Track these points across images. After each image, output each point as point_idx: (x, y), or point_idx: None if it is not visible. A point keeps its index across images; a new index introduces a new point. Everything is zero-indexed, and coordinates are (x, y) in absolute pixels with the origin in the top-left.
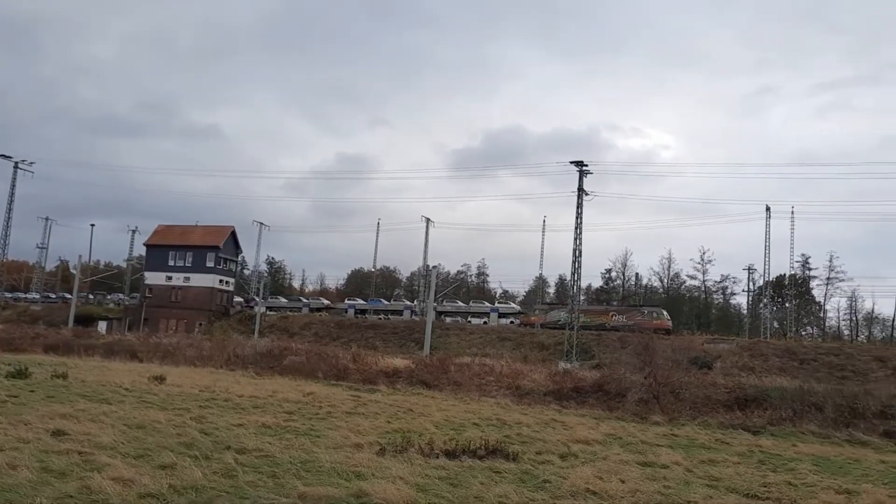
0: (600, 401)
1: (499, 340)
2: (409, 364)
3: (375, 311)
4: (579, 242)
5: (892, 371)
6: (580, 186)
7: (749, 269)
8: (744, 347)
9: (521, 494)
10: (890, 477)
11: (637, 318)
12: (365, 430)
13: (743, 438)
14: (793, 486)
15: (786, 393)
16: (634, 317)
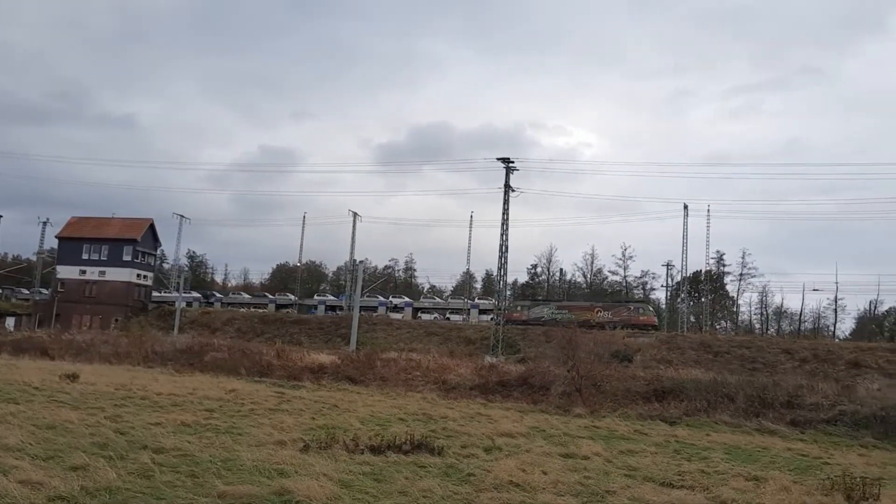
0: (525, 394)
1: (426, 335)
2: (335, 360)
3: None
4: (506, 238)
5: (799, 363)
6: (507, 183)
7: (668, 266)
8: (662, 341)
9: (445, 488)
10: (795, 464)
11: (623, 315)
12: (289, 427)
13: (660, 429)
14: (706, 473)
15: (700, 385)
16: (621, 313)
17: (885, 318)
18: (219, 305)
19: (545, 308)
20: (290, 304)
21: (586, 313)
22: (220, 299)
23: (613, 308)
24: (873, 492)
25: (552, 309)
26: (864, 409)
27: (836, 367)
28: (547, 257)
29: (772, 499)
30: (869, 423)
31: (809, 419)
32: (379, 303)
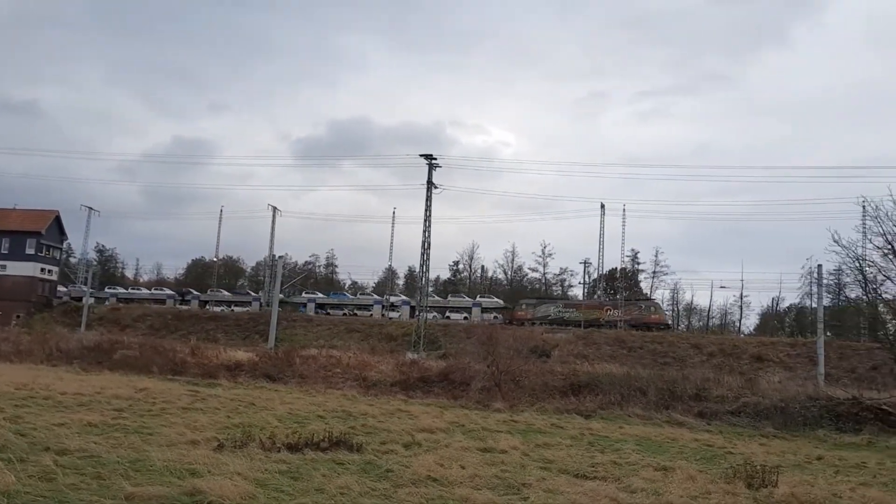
0: (445, 390)
1: (347, 332)
2: (253, 357)
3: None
4: (428, 234)
5: (706, 357)
6: (429, 179)
7: (585, 263)
8: (579, 336)
9: (363, 484)
10: (701, 454)
11: (634, 313)
12: (202, 426)
13: (576, 422)
14: (618, 464)
15: (615, 379)
16: (631, 311)
17: (786, 314)
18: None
19: (552, 307)
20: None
21: (595, 312)
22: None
23: (624, 307)
24: (772, 479)
25: (559, 308)
26: (766, 401)
27: (740, 361)
28: (469, 254)
29: (678, 487)
30: (770, 414)
31: (715, 411)
32: (374, 301)
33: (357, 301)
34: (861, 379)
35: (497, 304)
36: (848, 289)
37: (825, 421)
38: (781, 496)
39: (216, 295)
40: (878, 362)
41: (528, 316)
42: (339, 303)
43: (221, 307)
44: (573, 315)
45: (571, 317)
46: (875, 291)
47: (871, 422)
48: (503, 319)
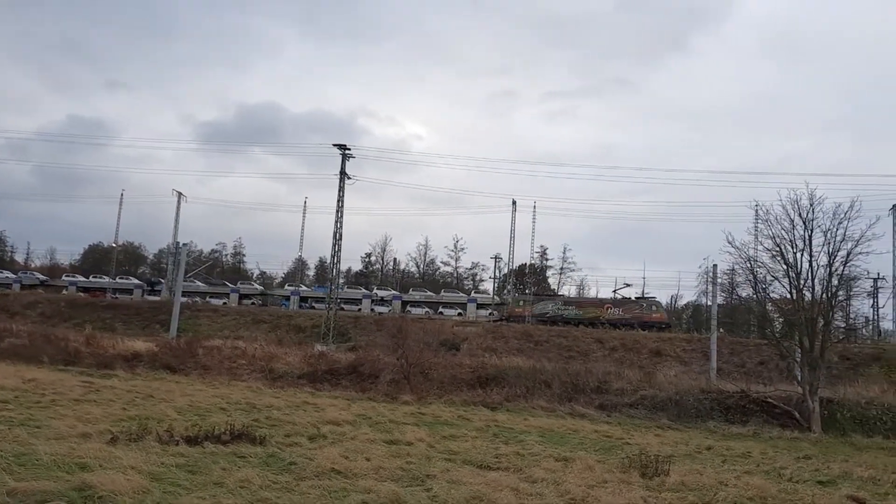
0: (354, 382)
1: (253, 323)
2: (153, 347)
3: None
4: (340, 226)
5: (609, 351)
6: (343, 170)
7: (496, 258)
8: (488, 330)
9: (265, 478)
10: (600, 445)
11: (635, 312)
12: (95, 419)
13: (482, 414)
14: (521, 455)
15: (521, 372)
16: (632, 310)
17: (683, 311)
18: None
19: (550, 304)
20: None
21: (596, 310)
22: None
23: (625, 305)
24: (664, 468)
25: (558, 305)
26: (662, 394)
27: (640, 355)
28: (381, 246)
29: (576, 477)
30: (665, 406)
31: (615, 403)
32: (363, 295)
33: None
34: (749, 373)
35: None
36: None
37: (716, 413)
38: (672, 484)
39: (98, 281)
40: (765, 358)
41: (526, 313)
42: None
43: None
44: (572, 313)
45: (571, 314)
46: (764, 291)
47: (756, 414)
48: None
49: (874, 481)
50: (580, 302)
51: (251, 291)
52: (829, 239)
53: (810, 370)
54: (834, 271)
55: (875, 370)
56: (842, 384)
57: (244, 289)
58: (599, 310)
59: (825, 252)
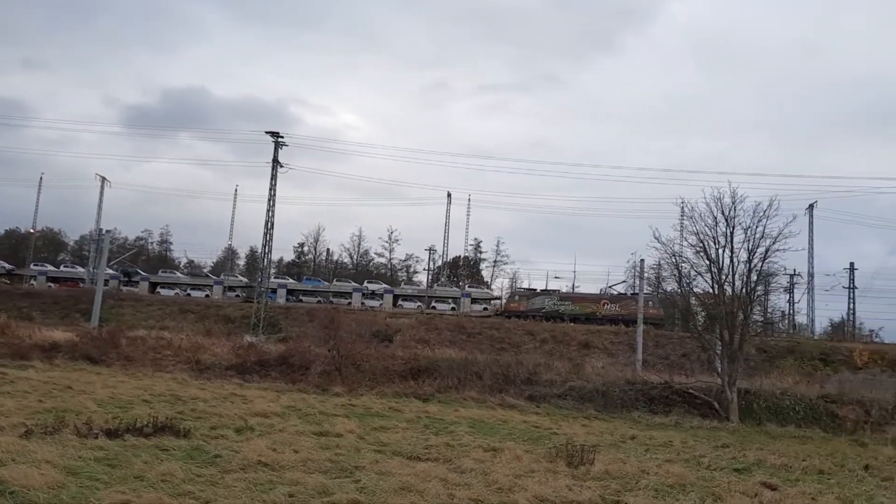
0: (284, 374)
1: (180, 313)
2: (73, 337)
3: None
4: (272, 215)
5: (539, 343)
6: (275, 158)
7: (430, 250)
8: (421, 322)
9: (188, 471)
10: (529, 435)
11: (632, 308)
12: (9, 411)
13: (414, 406)
14: (451, 446)
15: (453, 363)
16: (629, 306)
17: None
18: None
19: (546, 299)
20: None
21: (592, 306)
22: None
23: (621, 301)
24: (589, 457)
25: (554, 300)
26: (590, 385)
27: (569, 347)
28: (314, 236)
29: (504, 467)
30: (592, 397)
31: (544, 394)
32: (353, 289)
33: (334, 288)
34: (673, 365)
35: (488, 294)
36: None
37: (640, 403)
38: (597, 473)
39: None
40: (688, 350)
41: (522, 308)
42: (314, 290)
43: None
44: (569, 308)
45: (567, 310)
46: (688, 286)
47: (679, 404)
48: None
49: (786, 468)
50: (577, 297)
51: (236, 283)
52: (749, 236)
53: (729, 362)
54: (753, 267)
55: (789, 362)
56: (758, 376)
57: (229, 281)
58: (596, 305)
59: (745, 248)
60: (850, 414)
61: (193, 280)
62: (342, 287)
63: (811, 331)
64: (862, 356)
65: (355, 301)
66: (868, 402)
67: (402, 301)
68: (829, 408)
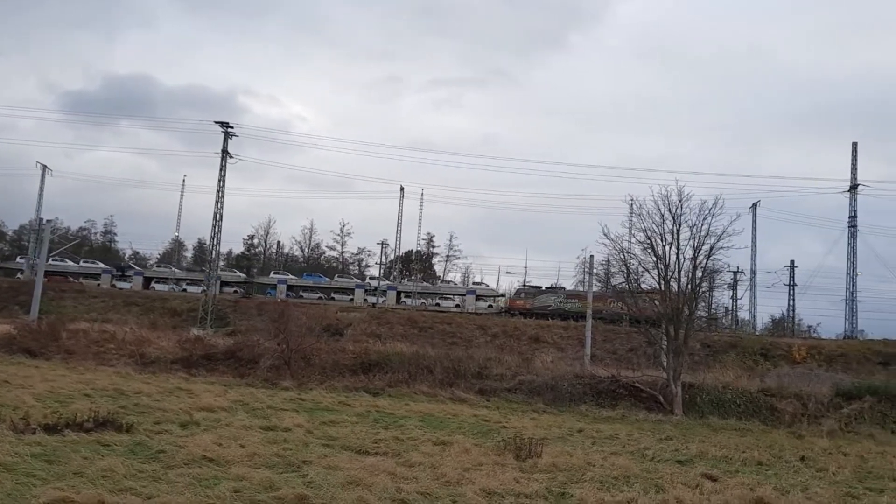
0: (232, 367)
1: (124, 305)
2: (10, 329)
3: None
4: (221, 206)
5: (491, 338)
6: (224, 148)
7: (382, 244)
8: (373, 316)
9: (130, 466)
10: (478, 428)
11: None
12: None
13: (364, 400)
14: (400, 440)
15: (404, 357)
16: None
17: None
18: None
19: (552, 297)
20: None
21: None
22: None
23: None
24: (537, 450)
25: (560, 298)
26: (539, 379)
27: (520, 341)
28: (265, 228)
29: (453, 460)
30: (542, 391)
31: (495, 388)
32: (356, 285)
33: (336, 284)
34: (620, 359)
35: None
36: (614, 278)
37: (588, 397)
38: (544, 465)
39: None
40: (634, 345)
41: (528, 306)
42: (315, 285)
43: None
44: (575, 306)
45: (573, 308)
46: (636, 282)
47: (625, 398)
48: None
49: (726, 460)
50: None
51: (233, 279)
52: (694, 234)
53: (675, 357)
54: (698, 264)
55: (732, 356)
56: (702, 370)
57: (225, 276)
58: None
59: (691, 246)
60: (788, 407)
61: (189, 275)
62: (344, 283)
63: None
64: (800, 351)
65: (357, 297)
66: (805, 396)
67: (405, 298)
68: (768, 401)
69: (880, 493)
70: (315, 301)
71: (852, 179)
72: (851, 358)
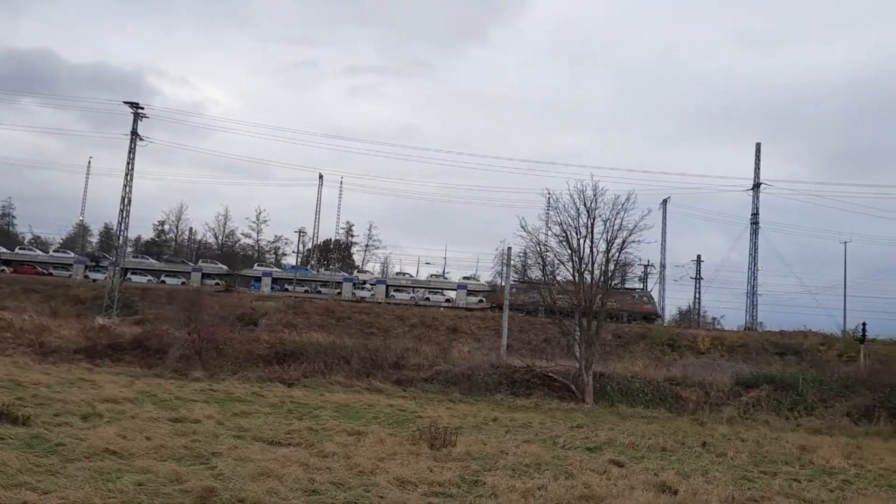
0: (139, 357)
1: (23, 292)
2: None
3: None
4: (129, 190)
5: (409, 328)
6: (134, 130)
7: (300, 232)
8: (289, 305)
9: (26, 461)
10: (394, 418)
11: (627, 303)
12: None
13: (278, 390)
14: (314, 431)
15: (321, 348)
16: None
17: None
18: None
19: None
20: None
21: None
22: None
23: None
24: (452, 439)
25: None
26: (456, 369)
27: (438, 332)
28: (176, 214)
29: (368, 450)
30: (458, 381)
31: (412, 378)
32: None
33: (322, 277)
34: (535, 350)
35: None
36: (531, 270)
37: (503, 386)
38: (458, 454)
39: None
40: (549, 335)
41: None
42: (302, 278)
43: None
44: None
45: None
46: (552, 273)
47: (539, 387)
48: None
49: (633, 446)
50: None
51: (214, 271)
52: (608, 227)
53: (587, 347)
54: (611, 257)
55: (641, 347)
56: (613, 360)
57: (206, 268)
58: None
59: (604, 239)
60: (692, 395)
61: (169, 266)
62: (332, 276)
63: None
64: (704, 342)
65: (346, 291)
66: (708, 385)
67: (394, 292)
68: (673, 390)
69: (773, 476)
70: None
71: (755, 178)
72: (751, 348)
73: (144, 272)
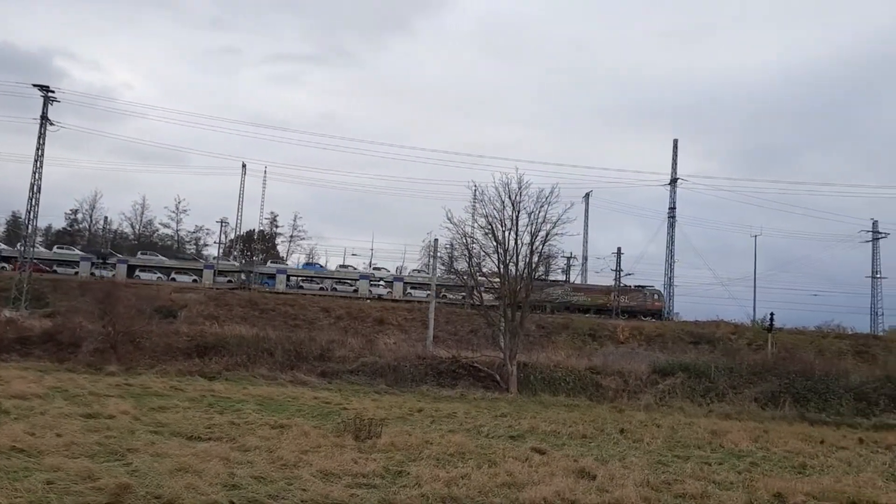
0: (49, 352)
1: None
2: None
3: None
4: (39, 177)
5: (335, 320)
6: (44, 114)
7: (222, 222)
8: (211, 297)
9: None
10: (318, 411)
11: (639, 300)
12: None
13: (198, 384)
14: (235, 425)
15: (244, 341)
16: (636, 298)
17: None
18: None
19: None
20: None
21: (604, 297)
22: None
23: (629, 293)
24: (377, 431)
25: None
26: (382, 361)
27: (364, 323)
28: (90, 203)
29: (291, 443)
30: (384, 372)
31: (337, 370)
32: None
33: (338, 274)
34: (461, 341)
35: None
36: (457, 262)
37: (429, 377)
38: (383, 445)
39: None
40: (475, 326)
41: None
42: (317, 275)
43: None
44: (581, 299)
45: (579, 301)
46: (477, 265)
47: (465, 377)
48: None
49: (555, 434)
50: (588, 289)
51: (228, 268)
52: (532, 220)
53: (511, 337)
54: (535, 249)
55: (564, 337)
56: (536, 350)
57: (221, 265)
58: (607, 297)
59: (529, 232)
60: (612, 384)
61: (180, 264)
62: (348, 273)
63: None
64: (624, 332)
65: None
66: (626, 373)
67: (410, 289)
68: (594, 378)
69: (686, 461)
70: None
71: (672, 173)
72: (668, 338)
73: (151, 269)
